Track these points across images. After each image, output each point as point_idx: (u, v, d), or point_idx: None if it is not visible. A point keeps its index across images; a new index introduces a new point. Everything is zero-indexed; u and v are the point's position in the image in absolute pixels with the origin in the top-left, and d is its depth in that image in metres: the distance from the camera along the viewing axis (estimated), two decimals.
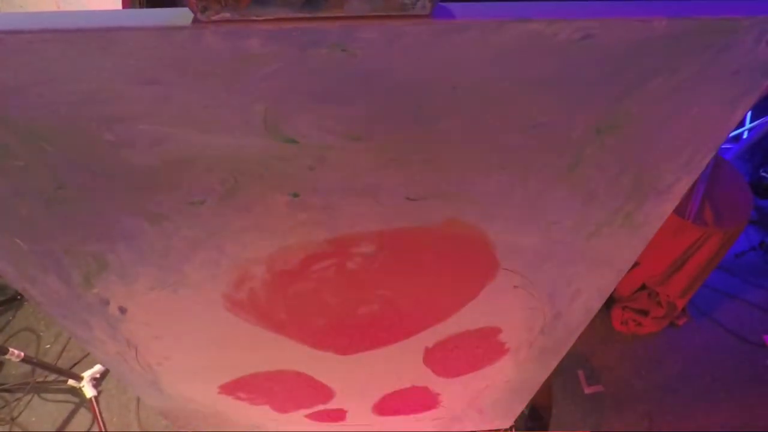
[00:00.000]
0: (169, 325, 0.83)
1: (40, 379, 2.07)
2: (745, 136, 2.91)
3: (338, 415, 1.24)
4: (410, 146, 0.55)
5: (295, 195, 0.60)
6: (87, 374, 1.98)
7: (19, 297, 2.33)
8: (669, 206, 0.68)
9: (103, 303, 0.76)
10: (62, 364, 2.13)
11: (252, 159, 0.55)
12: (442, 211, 0.65)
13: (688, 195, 1.62)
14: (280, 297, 0.79)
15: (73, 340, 1.80)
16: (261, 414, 1.20)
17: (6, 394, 2.06)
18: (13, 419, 2.00)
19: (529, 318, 0.92)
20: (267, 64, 0.45)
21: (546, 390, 1.88)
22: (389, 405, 1.21)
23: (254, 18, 0.42)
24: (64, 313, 0.77)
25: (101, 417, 1.89)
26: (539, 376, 1.16)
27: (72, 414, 2.02)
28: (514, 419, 1.46)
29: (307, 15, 0.42)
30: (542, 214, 0.67)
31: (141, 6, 1.35)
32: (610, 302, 2.25)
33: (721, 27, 0.46)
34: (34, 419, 2.01)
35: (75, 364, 2.14)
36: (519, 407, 1.38)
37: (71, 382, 1.95)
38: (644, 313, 2.18)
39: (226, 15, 0.41)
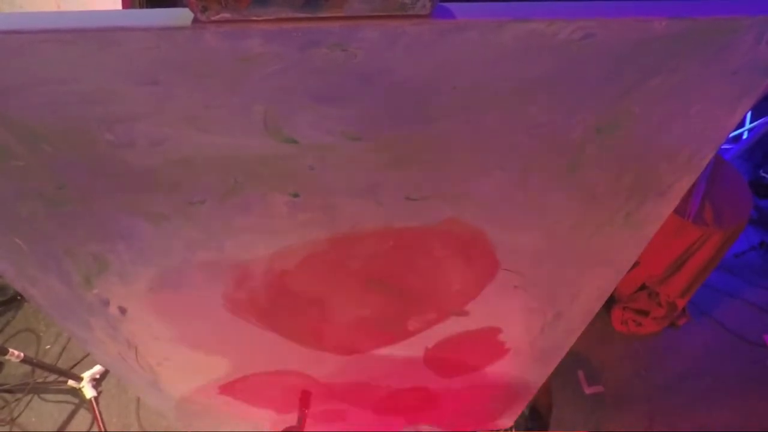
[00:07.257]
0: (169, 326, 0.83)
1: (40, 380, 2.07)
2: (745, 136, 2.91)
3: (339, 415, 1.24)
4: (410, 146, 0.55)
5: (296, 195, 0.60)
6: (87, 375, 1.98)
7: (19, 297, 2.33)
8: (669, 206, 0.68)
9: (103, 303, 0.76)
10: (62, 364, 2.13)
11: (252, 159, 0.55)
12: (442, 211, 0.65)
13: (688, 195, 1.62)
14: (280, 297, 0.79)
15: (73, 341, 1.80)
16: (261, 414, 1.20)
17: (6, 395, 2.06)
18: (13, 420, 2.00)
19: (529, 318, 0.92)
20: (267, 64, 0.45)
21: (546, 390, 1.87)
22: (389, 405, 1.21)
23: (254, 18, 0.42)
24: (65, 314, 0.77)
25: (101, 417, 1.89)
26: (539, 376, 1.16)
27: (72, 414, 2.02)
28: (514, 419, 1.46)
29: (307, 15, 0.42)
30: (542, 214, 0.67)
31: (141, 6, 1.35)
32: (610, 302, 2.25)
33: (721, 27, 0.46)
34: (34, 420, 2.01)
35: (75, 365, 2.14)
36: (519, 407, 1.38)
37: (71, 382, 1.95)
38: (644, 313, 2.17)
39: (226, 15, 0.41)
